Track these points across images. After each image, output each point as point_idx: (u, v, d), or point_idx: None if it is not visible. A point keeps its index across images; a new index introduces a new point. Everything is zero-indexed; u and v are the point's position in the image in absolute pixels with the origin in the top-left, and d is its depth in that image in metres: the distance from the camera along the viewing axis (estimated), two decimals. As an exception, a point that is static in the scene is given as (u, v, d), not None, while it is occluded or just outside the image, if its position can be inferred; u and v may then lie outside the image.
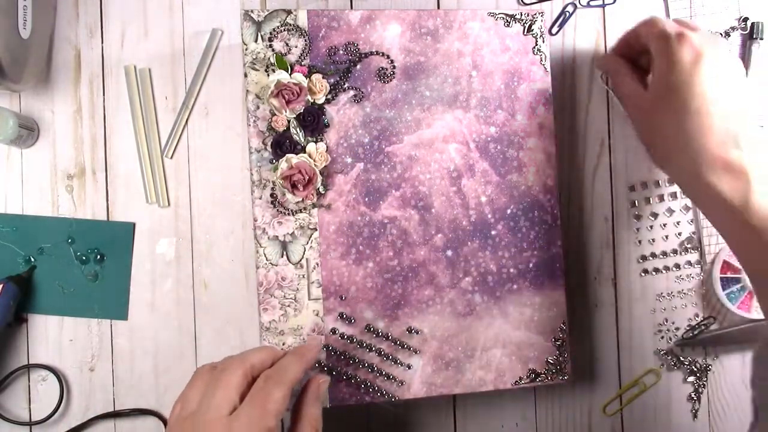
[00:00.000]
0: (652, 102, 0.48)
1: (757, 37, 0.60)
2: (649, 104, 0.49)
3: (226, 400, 0.40)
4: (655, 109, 0.48)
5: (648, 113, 0.49)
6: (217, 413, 0.40)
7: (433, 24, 0.54)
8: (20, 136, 0.52)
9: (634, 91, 0.51)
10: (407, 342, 0.52)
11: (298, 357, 0.45)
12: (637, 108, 0.51)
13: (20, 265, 0.54)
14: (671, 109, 0.47)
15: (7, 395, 0.54)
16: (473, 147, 0.54)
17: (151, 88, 0.56)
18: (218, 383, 0.41)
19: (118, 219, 0.55)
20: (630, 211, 0.60)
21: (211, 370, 0.43)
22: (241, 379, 0.42)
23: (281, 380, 0.42)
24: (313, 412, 0.44)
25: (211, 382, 0.42)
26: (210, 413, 0.40)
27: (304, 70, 0.51)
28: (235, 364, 0.43)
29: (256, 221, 0.51)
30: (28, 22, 0.50)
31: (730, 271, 0.59)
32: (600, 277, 0.59)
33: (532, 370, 0.54)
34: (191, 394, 0.42)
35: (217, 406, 0.40)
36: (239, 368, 0.42)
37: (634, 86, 0.51)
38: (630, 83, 0.51)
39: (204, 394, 0.41)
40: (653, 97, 0.48)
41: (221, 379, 0.41)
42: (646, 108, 0.49)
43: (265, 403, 0.40)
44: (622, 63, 0.53)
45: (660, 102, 0.47)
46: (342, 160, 0.52)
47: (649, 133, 0.50)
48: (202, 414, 0.40)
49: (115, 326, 0.55)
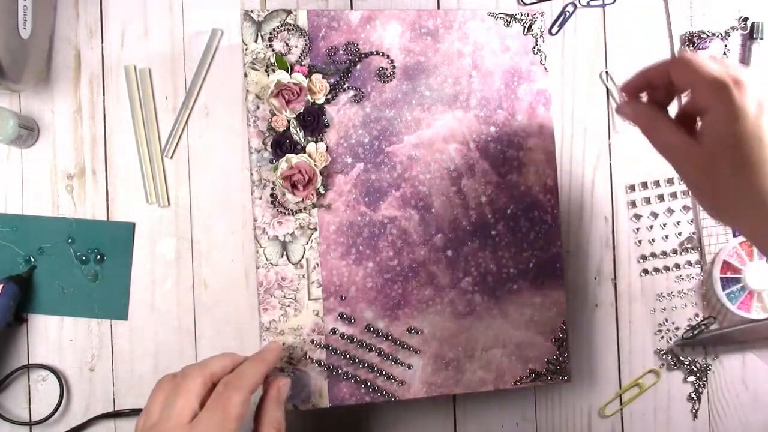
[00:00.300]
0: (711, 156, 0.43)
1: (757, 37, 0.60)
2: (707, 159, 0.43)
3: (186, 408, 0.41)
4: (714, 164, 0.43)
5: (706, 169, 0.44)
6: (178, 421, 0.40)
7: (433, 24, 0.54)
8: (20, 136, 0.52)
9: (683, 144, 0.45)
10: (407, 342, 0.52)
11: (258, 361, 0.45)
12: (688, 163, 0.45)
13: (20, 265, 0.54)
14: (738, 163, 0.42)
15: (7, 395, 0.54)
16: (473, 147, 0.54)
17: (151, 88, 0.56)
18: (178, 391, 0.41)
19: (118, 219, 0.55)
20: (630, 211, 0.60)
21: (172, 378, 0.43)
22: (201, 386, 0.42)
23: (240, 385, 0.42)
24: (275, 415, 0.44)
25: (172, 390, 0.42)
26: (171, 422, 0.40)
27: (304, 70, 0.51)
28: (195, 371, 0.43)
29: (256, 221, 0.51)
30: (28, 22, 0.50)
31: (730, 271, 0.59)
32: (600, 277, 0.59)
33: (532, 370, 0.54)
34: (153, 405, 0.42)
35: (178, 414, 0.40)
36: (199, 376, 0.42)
37: (681, 138, 0.45)
38: (675, 135, 0.45)
39: (165, 403, 0.41)
40: (711, 151, 0.43)
41: (181, 386, 0.42)
42: (702, 163, 0.43)
43: (225, 407, 0.40)
44: (659, 112, 0.47)
45: (721, 156, 0.43)
46: (342, 160, 0.52)
47: (711, 190, 0.45)
48: (163, 423, 0.40)
49: (115, 326, 0.55)
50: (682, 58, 0.44)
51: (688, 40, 0.60)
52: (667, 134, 0.45)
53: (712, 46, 0.60)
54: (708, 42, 0.60)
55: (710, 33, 0.60)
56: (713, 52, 0.60)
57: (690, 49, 0.60)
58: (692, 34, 0.60)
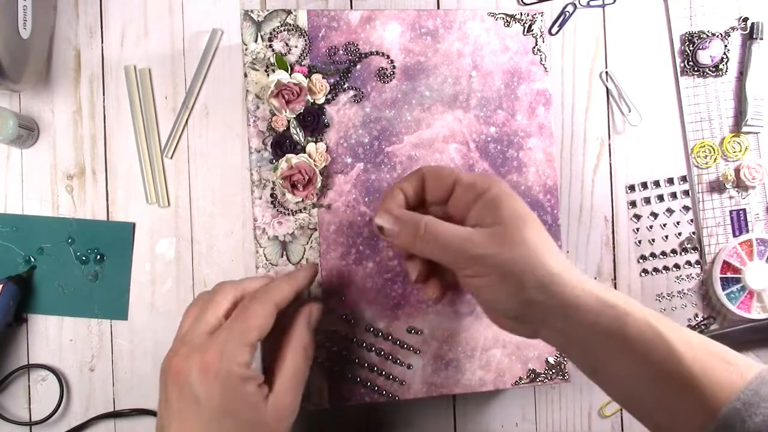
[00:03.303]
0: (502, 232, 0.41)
1: (757, 37, 0.60)
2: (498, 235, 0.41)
3: (213, 318, 0.41)
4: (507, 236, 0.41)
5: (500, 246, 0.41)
6: (202, 330, 0.41)
7: (433, 24, 0.54)
8: (20, 136, 0.52)
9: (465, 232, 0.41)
10: (407, 342, 0.52)
11: (288, 278, 0.45)
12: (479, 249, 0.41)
13: (20, 265, 0.54)
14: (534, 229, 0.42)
15: (7, 395, 0.54)
16: (473, 147, 0.54)
17: (151, 88, 0.56)
18: (208, 306, 0.42)
19: (118, 219, 0.55)
20: (630, 211, 0.60)
21: (206, 294, 0.44)
22: (231, 301, 0.43)
23: (265, 297, 0.42)
24: (303, 334, 0.44)
25: (203, 305, 0.43)
26: (195, 332, 0.41)
27: (304, 70, 0.51)
28: (227, 287, 0.43)
29: (256, 221, 0.51)
30: (28, 22, 0.50)
31: (730, 271, 0.59)
32: (600, 277, 0.59)
33: (532, 370, 0.54)
34: (185, 319, 0.43)
35: (204, 324, 0.41)
36: (230, 292, 0.43)
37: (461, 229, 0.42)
38: (454, 228, 0.42)
39: (196, 317, 0.42)
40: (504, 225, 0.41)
41: (212, 300, 0.42)
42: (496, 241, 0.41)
43: (246, 317, 0.41)
44: (424, 215, 0.43)
45: (514, 226, 0.42)
46: (342, 160, 0.52)
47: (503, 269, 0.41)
48: (189, 333, 0.41)
49: (115, 326, 0.55)
50: (431, 166, 0.45)
51: (688, 40, 0.60)
52: (445, 229, 0.41)
53: (712, 46, 0.60)
54: (708, 42, 0.60)
55: (710, 33, 0.60)
56: (713, 53, 0.60)
57: (690, 49, 0.60)
58: (692, 34, 0.60)
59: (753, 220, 0.60)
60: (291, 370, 0.42)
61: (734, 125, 0.60)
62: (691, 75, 0.60)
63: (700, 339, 0.40)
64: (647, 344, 0.39)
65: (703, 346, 0.40)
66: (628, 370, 0.40)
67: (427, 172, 0.44)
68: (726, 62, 0.60)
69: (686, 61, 0.60)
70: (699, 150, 0.60)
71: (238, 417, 0.39)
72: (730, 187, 0.60)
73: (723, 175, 0.59)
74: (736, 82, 0.60)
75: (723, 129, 0.60)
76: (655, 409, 0.40)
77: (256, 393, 0.40)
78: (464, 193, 0.42)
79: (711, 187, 0.60)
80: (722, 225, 0.60)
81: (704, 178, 0.60)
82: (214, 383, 0.39)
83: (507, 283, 0.40)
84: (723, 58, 0.60)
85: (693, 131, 0.60)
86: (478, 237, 0.40)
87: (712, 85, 0.60)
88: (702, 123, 0.60)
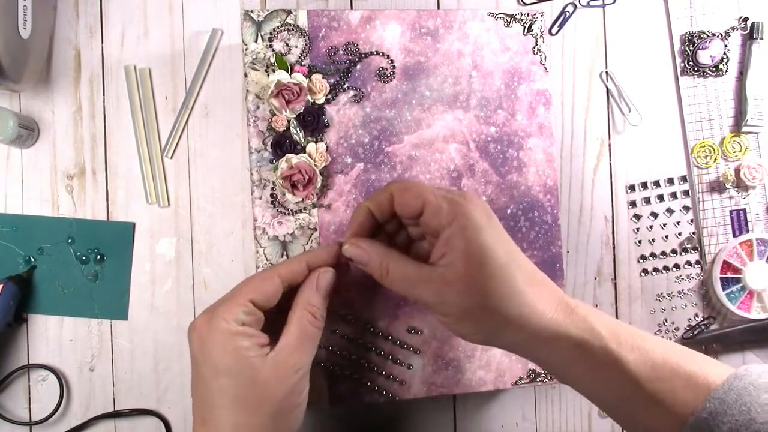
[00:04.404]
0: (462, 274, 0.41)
1: (757, 37, 0.60)
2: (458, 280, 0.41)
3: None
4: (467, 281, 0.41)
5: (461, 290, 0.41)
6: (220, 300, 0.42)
7: (433, 24, 0.54)
8: (20, 136, 0.52)
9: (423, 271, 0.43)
10: (407, 342, 0.52)
11: (302, 255, 0.45)
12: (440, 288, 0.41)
13: (20, 265, 0.54)
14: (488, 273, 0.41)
15: (7, 395, 0.54)
16: (473, 147, 0.54)
17: (151, 88, 0.56)
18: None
19: (118, 219, 0.55)
20: (630, 211, 0.60)
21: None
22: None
23: (269, 269, 0.43)
24: (310, 295, 0.43)
25: None
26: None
27: (304, 70, 0.51)
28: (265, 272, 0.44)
29: (256, 221, 0.51)
30: (28, 22, 0.50)
31: (730, 271, 0.59)
32: (600, 277, 0.59)
33: (532, 370, 0.54)
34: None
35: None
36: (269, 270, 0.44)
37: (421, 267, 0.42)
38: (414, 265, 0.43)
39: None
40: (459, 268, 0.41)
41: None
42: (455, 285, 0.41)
43: (243, 284, 0.42)
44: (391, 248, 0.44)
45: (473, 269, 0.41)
46: (342, 160, 0.52)
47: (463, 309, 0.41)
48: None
49: (115, 326, 0.55)
50: (401, 183, 0.43)
51: (688, 40, 0.60)
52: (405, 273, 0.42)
53: (712, 46, 0.60)
54: (708, 42, 0.60)
55: (710, 33, 0.60)
56: (713, 52, 0.60)
57: (690, 48, 0.60)
58: (692, 34, 0.60)
59: (753, 220, 0.60)
60: (296, 331, 0.42)
61: (734, 125, 0.60)
62: (691, 75, 0.60)
63: (665, 357, 0.41)
64: (606, 372, 0.41)
65: (668, 365, 0.40)
66: (593, 390, 0.43)
67: (395, 190, 0.43)
68: (726, 62, 0.60)
69: (686, 61, 0.60)
70: (699, 150, 0.60)
71: (234, 374, 0.39)
72: (730, 187, 0.60)
73: (723, 175, 0.59)
74: (736, 82, 0.60)
75: (723, 129, 0.60)
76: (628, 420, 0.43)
77: (251, 348, 0.40)
78: (432, 219, 0.41)
79: (711, 187, 0.60)
80: (722, 225, 0.60)
81: (704, 178, 0.60)
82: (206, 340, 0.40)
83: (467, 326, 0.41)
84: (723, 58, 0.60)
85: (693, 131, 0.60)
86: (437, 281, 0.40)
87: (712, 85, 0.60)
88: (702, 123, 0.60)
